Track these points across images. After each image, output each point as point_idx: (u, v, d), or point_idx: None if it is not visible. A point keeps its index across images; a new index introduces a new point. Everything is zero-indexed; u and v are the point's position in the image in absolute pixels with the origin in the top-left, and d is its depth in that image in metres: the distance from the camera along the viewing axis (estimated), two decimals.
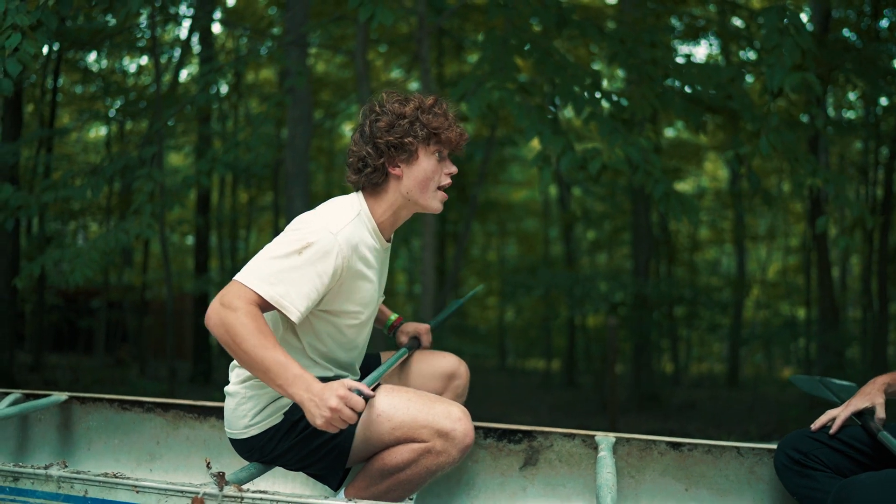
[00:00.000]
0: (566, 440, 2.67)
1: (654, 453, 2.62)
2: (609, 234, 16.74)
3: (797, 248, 19.11)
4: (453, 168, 2.34)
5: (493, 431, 2.72)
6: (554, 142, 4.17)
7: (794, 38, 4.36)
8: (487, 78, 4.41)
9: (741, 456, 2.57)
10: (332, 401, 1.94)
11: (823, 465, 2.26)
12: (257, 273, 2.08)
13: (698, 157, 16.69)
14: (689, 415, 11.48)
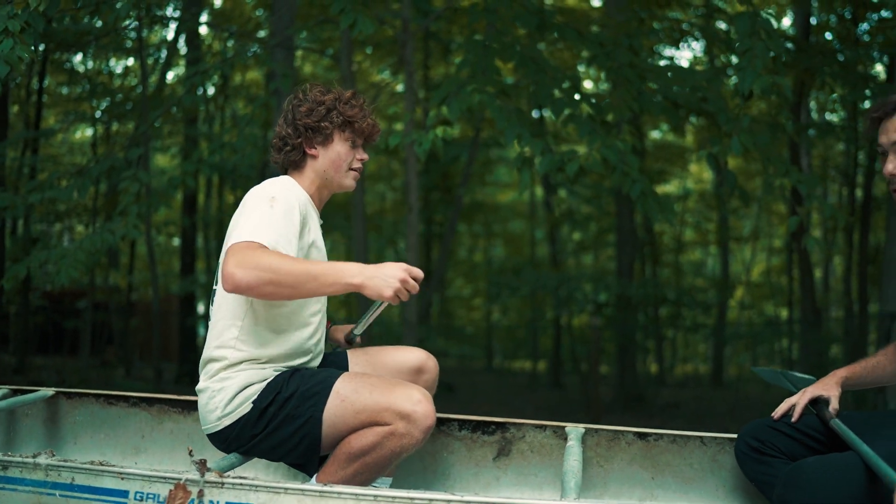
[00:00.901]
0: (538, 431, 2.77)
1: (621, 443, 2.72)
2: (594, 235, 16.86)
3: (781, 249, 19.29)
4: (365, 155, 2.57)
5: (467, 423, 2.81)
6: (533, 144, 4.26)
7: (766, 42, 4.48)
8: (468, 81, 4.50)
9: (704, 445, 2.68)
10: (402, 273, 2.12)
11: (780, 452, 2.37)
12: (246, 230, 2.19)
13: (683, 160, 16.84)
14: (673, 414, 11.60)
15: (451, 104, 4.24)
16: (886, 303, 9.32)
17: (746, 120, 4.58)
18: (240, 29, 10.52)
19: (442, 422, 2.82)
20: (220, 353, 2.36)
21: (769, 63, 4.55)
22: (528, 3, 5.19)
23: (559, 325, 15.52)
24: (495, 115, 4.34)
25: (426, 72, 13.58)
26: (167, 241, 17.64)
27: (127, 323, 14.19)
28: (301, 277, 2.10)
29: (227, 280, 2.10)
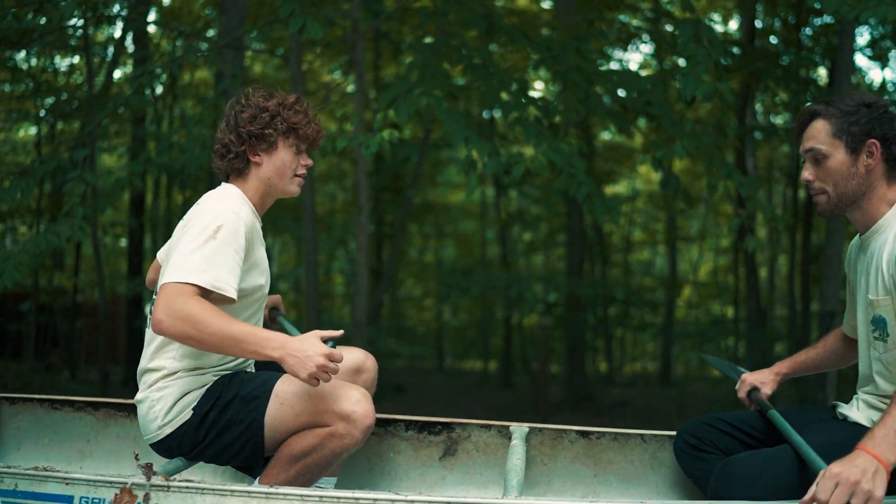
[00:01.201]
0: (483, 431, 2.82)
1: (564, 442, 2.78)
2: (544, 235, 16.98)
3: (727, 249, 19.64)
4: (309, 161, 2.56)
5: (414, 424, 2.85)
6: (480, 147, 4.32)
7: (708, 49, 4.59)
8: (417, 84, 4.54)
9: (645, 443, 2.75)
10: (319, 359, 2.09)
11: (716, 448, 2.45)
12: (186, 268, 2.20)
13: (632, 160, 17.06)
14: (621, 413, 11.75)
15: (398, 107, 4.28)
16: (827, 301, 9.56)
17: (689, 124, 4.69)
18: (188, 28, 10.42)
19: (388, 422, 2.86)
20: (157, 364, 2.38)
21: (711, 69, 4.67)
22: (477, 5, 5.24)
23: (509, 325, 15.62)
24: (443, 117, 4.38)
25: (377, 72, 13.57)
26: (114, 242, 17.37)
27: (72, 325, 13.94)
28: (222, 340, 2.12)
29: (154, 324, 2.15)
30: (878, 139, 2.23)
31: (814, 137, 2.30)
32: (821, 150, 2.27)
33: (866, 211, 2.28)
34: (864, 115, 2.24)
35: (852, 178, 2.25)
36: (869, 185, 2.25)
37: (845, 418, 2.31)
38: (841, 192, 2.27)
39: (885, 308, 2.18)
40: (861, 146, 2.24)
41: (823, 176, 2.29)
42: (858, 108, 2.25)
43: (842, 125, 2.25)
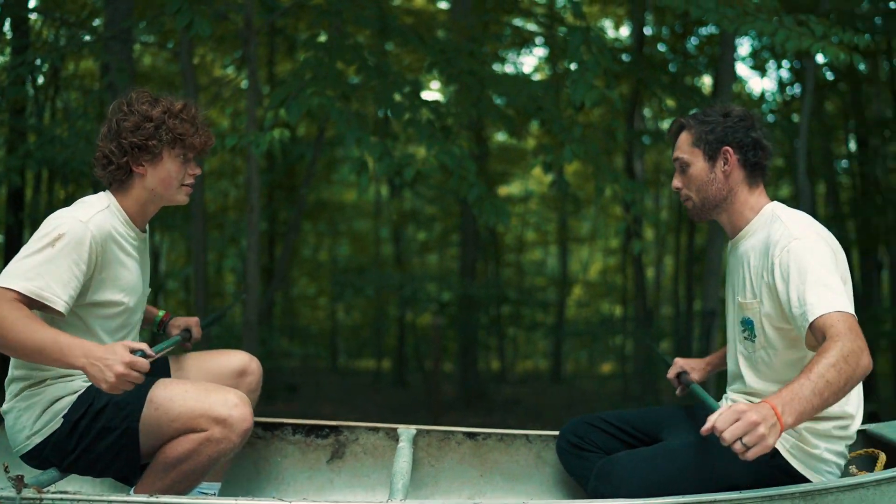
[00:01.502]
0: (371, 433, 2.82)
1: (451, 443, 2.81)
2: (439, 235, 17.06)
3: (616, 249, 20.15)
4: (197, 170, 2.47)
5: (301, 427, 2.83)
6: (371, 148, 4.31)
7: (597, 56, 4.70)
8: (309, 83, 4.49)
9: (530, 443, 2.81)
10: (119, 367, 2.00)
11: (597, 447, 2.52)
12: (14, 273, 2.12)
13: (525, 161, 17.30)
14: (513, 410, 11.92)
15: (289, 106, 4.23)
16: (708, 300, 9.94)
17: (578, 130, 4.80)
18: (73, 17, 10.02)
19: (275, 426, 2.83)
20: (23, 373, 2.28)
21: (601, 76, 4.78)
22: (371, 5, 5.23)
23: (403, 325, 15.64)
24: (335, 118, 4.36)
25: (272, 68, 13.36)
26: None
27: None
28: (27, 348, 2.05)
29: None
30: (731, 146, 2.37)
31: (679, 147, 2.46)
32: (684, 158, 2.43)
33: (732, 215, 2.42)
34: (720, 124, 2.39)
35: (712, 183, 2.39)
36: (729, 189, 2.39)
37: None
38: (703, 197, 2.42)
39: (752, 310, 2.29)
40: (717, 153, 2.39)
41: (688, 183, 2.44)
42: (716, 118, 2.41)
43: (700, 134, 2.40)
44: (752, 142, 2.39)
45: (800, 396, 1.89)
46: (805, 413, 1.89)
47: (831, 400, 1.93)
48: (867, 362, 1.97)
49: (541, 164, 4.96)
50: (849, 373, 1.93)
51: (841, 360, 1.92)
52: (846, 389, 1.93)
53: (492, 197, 4.98)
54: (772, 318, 2.25)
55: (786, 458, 2.20)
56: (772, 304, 2.24)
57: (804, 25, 5.05)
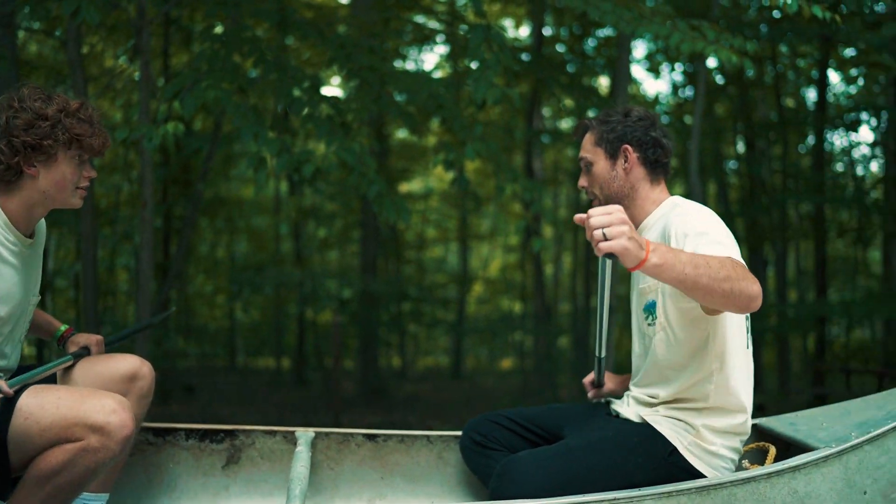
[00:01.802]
0: (268, 437, 2.75)
1: (351, 445, 2.76)
2: (339, 231, 16.93)
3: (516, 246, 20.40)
4: (93, 172, 2.34)
5: (194, 432, 2.73)
6: (269, 143, 4.22)
7: (497, 55, 4.72)
8: (204, 76, 4.36)
9: (431, 443, 2.78)
10: None
11: (501, 444, 2.52)
12: None
13: (426, 158, 17.33)
14: (413, 407, 11.94)
15: (184, 99, 4.09)
16: None
17: (479, 128, 4.81)
18: None
19: (167, 431, 2.72)
20: None
21: (501, 74, 4.80)
22: None
23: (303, 322, 15.47)
24: (232, 112, 4.24)
25: (167, 60, 12.98)
26: None
27: None
28: None
29: None
30: (631, 144, 2.44)
31: (583, 148, 2.53)
32: (587, 158, 2.51)
33: (634, 210, 2.48)
34: (620, 123, 2.46)
35: (614, 180, 2.46)
36: (631, 186, 2.46)
37: (617, 415, 2.44)
38: (607, 195, 2.48)
39: (653, 291, 2.33)
40: (618, 152, 2.46)
41: (592, 181, 2.51)
42: (616, 118, 2.48)
43: (601, 134, 2.48)
44: (651, 140, 2.45)
45: (675, 252, 1.92)
46: (671, 266, 1.89)
47: (703, 282, 1.92)
48: (754, 290, 1.98)
49: (441, 161, 4.95)
50: (732, 277, 1.94)
51: (729, 265, 1.96)
52: (721, 289, 1.93)
53: (392, 194, 4.94)
54: (673, 296, 2.28)
55: (683, 456, 2.24)
56: None
57: (697, 30, 5.19)
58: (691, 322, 2.26)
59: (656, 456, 2.22)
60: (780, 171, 16.83)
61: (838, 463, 2.16)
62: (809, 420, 2.61)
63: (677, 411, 2.30)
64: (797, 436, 2.49)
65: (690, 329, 2.27)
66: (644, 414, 2.34)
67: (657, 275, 1.92)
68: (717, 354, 2.27)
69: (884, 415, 2.38)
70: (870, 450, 2.19)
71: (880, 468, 2.20)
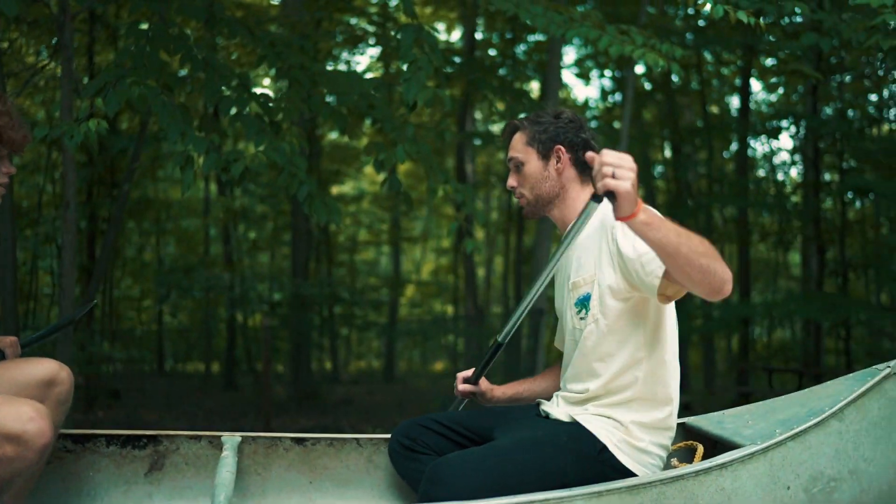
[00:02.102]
0: (192, 443, 2.68)
1: (279, 450, 2.71)
2: (270, 234, 16.74)
3: (448, 249, 20.46)
4: (12, 168, 2.27)
5: (115, 439, 2.65)
6: (196, 143, 4.12)
7: (429, 56, 4.70)
8: (129, 73, 4.24)
9: (361, 447, 2.75)
10: None
11: (429, 448, 2.49)
12: None
13: (358, 161, 17.25)
14: (345, 411, 11.85)
15: (107, 96, 3.97)
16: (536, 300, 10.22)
17: (411, 129, 4.79)
18: None
19: (87, 438, 2.63)
20: None
21: (433, 76, 4.79)
22: None
23: (233, 326, 15.24)
24: (158, 110, 4.14)
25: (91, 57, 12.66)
26: None
27: None
28: None
29: None
30: (563, 145, 2.46)
31: (513, 148, 2.53)
32: (518, 157, 2.51)
33: (563, 210, 2.49)
34: (553, 124, 2.48)
35: (546, 180, 2.47)
36: (562, 186, 2.48)
37: (547, 415, 2.43)
38: (537, 195, 2.49)
39: (588, 284, 2.33)
40: (550, 152, 2.47)
41: (522, 181, 2.51)
42: (548, 119, 2.50)
43: (533, 135, 2.49)
44: (581, 142, 2.47)
45: (662, 217, 1.94)
46: (657, 227, 1.92)
47: (683, 251, 1.93)
48: (728, 274, 2.00)
49: (373, 162, 4.91)
50: (710, 255, 1.96)
51: (707, 243, 1.99)
52: (699, 263, 1.95)
53: (323, 195, 4.88)
54: (611, 288, 2.28)
55: (613, 454, 2.25)
56: (614, 270, 2.27)
57: (626, 34, 5.26)
58: (626, 313, 2.28)
59: (586, 455, 2.23)
60: (705, 176, 17.21)
61: (763, 459, 2.20)
62: (736, 418, 2.65)
63: (606, 408, 2.31)
64: (724, 434, 2.52)
65: (623, 320, 2.29)
66: (574, 413, 2.34)
67: (643, 233, 1.94)
68: (646, 342, 2.29)
69: (806, 412, 2.42)
70: (793, 446, 2.24)
71: (803, 463, 2.25)
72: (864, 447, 2.31)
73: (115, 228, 10.08)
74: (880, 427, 2.34)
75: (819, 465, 2.26)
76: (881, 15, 5.26)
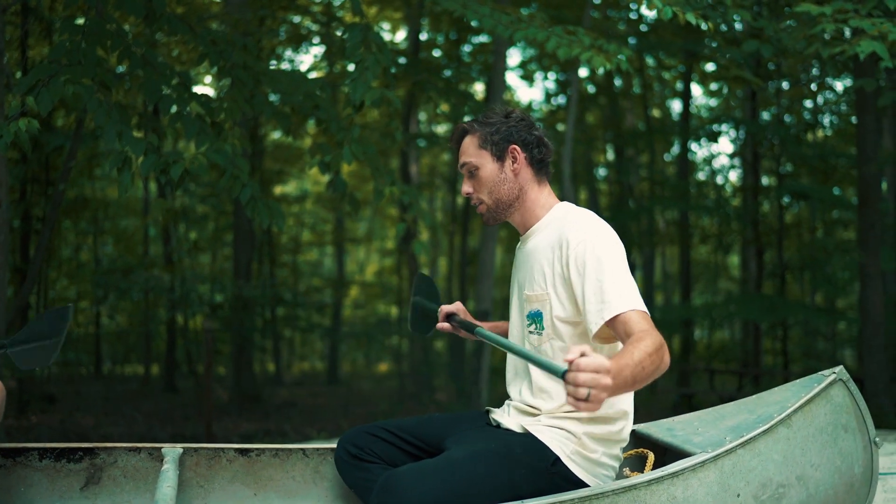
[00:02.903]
0: (131, 455, 2.57)
1: (222, 461, 2.62)
2: (211, 234, 16.47)
3: (392, 250, 20.38)
4: None
5: (49, 452, 2.53)
6: (134, 143, 3.99)
7: (376, 55, 4.64)
8: (63, 70, 4.09)
9: (307, 457, 2.67)
10: None
11: (378, 457, 2.43)
12: None
13: (302, 161, 17.08)
14: (288, 413, 11.71)
15: (39, 95, 3.83)
16: (482, 301, 10.22)
17: (356, 130, 4.72)
18: None
19: (18, 452, 2.51)
20: None
21: (380, 76, 4.72)
22: None
23: (174, 328, 14.94)
24: (92, 109, 4.00)
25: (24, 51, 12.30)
26: None
27: None
28: None
29: None
30: (518, 144, 2.39)
31: (465, 152, 2.43)
32: (471, 162, 2.42)
33: (524, 213, 2.43)
34: (504, 124, 2.40)
35: (503, 183, 2.39)
36: (520, 188, 2.40)
37: (498, 425, 2.39)
38: (497, 199, 2.41)
39: (541, 302, 2.29)
40: (504, 153, 2.39)
41: (479, 187, 2.43)
42: (498, 119, 2.42)
43: (485, 136, 2.40)
44: (535, 139, 2.41)
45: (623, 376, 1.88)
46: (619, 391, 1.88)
47: (637, 387, 1.95)
48: (668, 359, 2.02)
49: (318, 163, 4.82)
50: (657, 364, 1.97)
51: (654, 353, 1.96)
52: (649, 381, 1.96)
53: (266, 197, 4.79)
54: (563, 310, 2.26)
55: (566, 465, 2.22)
56: (565, 295, 2.25)
57: (573, 35, 5.25)
58: (580, 335, 2.26)
59: (539, 466, 2.19)
60: (647, 179, 17.43)
61: (714, 467, 2.19)
62: (685, 425, 2.64)
63: (559, 419, 2.27)
64: (674, 441, 2.51)
65: (577, 339, 2.26)
66: (526, 424, 2.29)
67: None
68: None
69: (755, 418, 2.43)
70: (742, 453, 2.24)
71: (752, 470, 2.25)
72: (811, 453, 2.32)
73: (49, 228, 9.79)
74: (826, 433, 2.35)
75: (768, 472, 2.26)
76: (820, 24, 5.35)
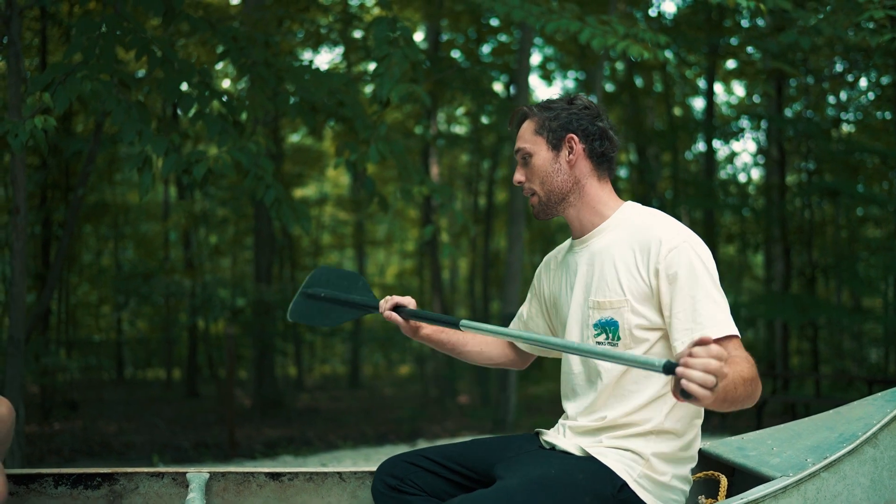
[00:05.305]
0: (154, 480, 2.37)
1: (252, 486, 2.42)
2: (231, 238, 16.37)
3: (412, 252, 20.21)
4: None
5: (65, 478, 2.33)
6: (155, 143, 3.82)
7: (404, 49, 4.44)
8: (79, 67, 3.92)
9: (343, 481, 2.46)
10: None
11: (419, 488, 2.20)
12: None
13: (321, 164, 16.94)
14: (311, 419, 11.56)
15: (56, 92, 3.65)
16: (508, 304, 10.00)
17: (383, 128, 4.52)
18: None
19: (32, 479, 2.32)
20: None
21: (408, 70, 4.53)
22: None
23: (195, 332, 14.84)
24: (112, 107, 3.83)
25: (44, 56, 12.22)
26: None
27: None
28: None
29: None
30: (576, 134, 2.18)
31: (521, 138, 2.23)
32: (526, 149, 2.21)
33: (581, 210, 2.21)
34: (565, 110, 2.19)
35: (557, 174, 2.18)
36: (575, 181, 2.19)
37: (553, 447, 2.16)
38: (548, 190, 2.20)
39: (615, 309, 2.07)
40: (561, 142, 2.18)
41: (531, 175, 2.22)
42: (560, 105, 2.21)
43: (542, 122, 2.20)
44: (598, 131, 2.19)
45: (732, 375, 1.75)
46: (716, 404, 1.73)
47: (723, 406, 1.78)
48: (759, 394, 1.87)
49: (344, 162, 4.63)
50: (749, 393, 1.83)
51: (750, 381, 1.82)
52: (735, 406, 1.81)
53: (289, 199, 4.60)
54: (643, 319, 2.06)
55: (634, 491, 2.00)
56: (648, 302, 2.06)
57: (607, 24, 5.04)
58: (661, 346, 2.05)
59: (604, 493, 1.96)
60: (669, 178, 17.16)
61: (797, 493, 1.98)
62: (758, 444, 2.41)
63: (623, 440, 2.05)
64: (747, 463, 2.28)
65: (653, 352, 2.05)
66: (585, 445, 2.07)
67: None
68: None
69: (836, 437, 2.20)
70: (827, 477, 2.03)
71: (837, 496, 2.04)
72: None
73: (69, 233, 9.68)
74: None
75: (855, 498, 2.04)
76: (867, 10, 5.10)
